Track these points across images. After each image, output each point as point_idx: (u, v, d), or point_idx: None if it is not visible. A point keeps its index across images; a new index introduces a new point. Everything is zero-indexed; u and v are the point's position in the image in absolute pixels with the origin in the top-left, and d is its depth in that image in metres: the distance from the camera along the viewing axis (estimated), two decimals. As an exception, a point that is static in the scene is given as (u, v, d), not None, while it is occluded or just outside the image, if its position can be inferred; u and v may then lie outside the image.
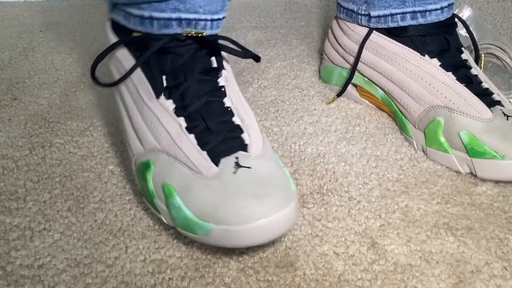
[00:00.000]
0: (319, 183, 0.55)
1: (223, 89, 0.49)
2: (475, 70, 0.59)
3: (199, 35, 0.49)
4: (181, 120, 0.46)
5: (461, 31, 0.65)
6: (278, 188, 0.43)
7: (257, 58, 0.50)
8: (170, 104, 0.47)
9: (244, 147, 0.46)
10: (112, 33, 0.54)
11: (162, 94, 0.48)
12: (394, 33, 0.62)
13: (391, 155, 0.59)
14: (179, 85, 0.48)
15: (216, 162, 0.44)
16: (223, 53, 0.51)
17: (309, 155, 0.59)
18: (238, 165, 0.44)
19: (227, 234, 0.41)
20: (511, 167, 0.52)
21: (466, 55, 0.60)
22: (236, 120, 0.48)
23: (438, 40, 0.60)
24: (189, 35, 0.48)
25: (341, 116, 0.66)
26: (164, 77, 0.48)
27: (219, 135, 0.46)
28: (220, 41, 0.51)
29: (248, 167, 0.44)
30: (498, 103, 0.56)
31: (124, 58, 0.51)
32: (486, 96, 0.56)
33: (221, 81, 0.49)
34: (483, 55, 0.69)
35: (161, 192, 0.45)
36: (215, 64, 0.49)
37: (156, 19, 0.49)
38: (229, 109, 0.48)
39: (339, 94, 0.68)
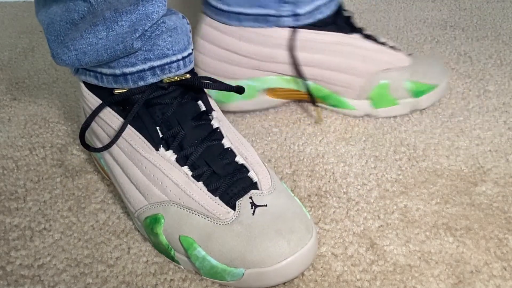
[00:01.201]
0: (317, 184, 0.55)
1: (218, 130, 0.48)
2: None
3: (183, 78, 0.49)
4: (186, 169, 0.46)
5: None
6: (297, 220, 0.44)
7: (240, 90, 0.50)
8: (171, 155, 0.47)
9: (254, 185, 0.46)
10: (90, 93, 0.52)
11: (161, 145, 0.47)
12: (317, 25, 0.62)
13: (390, 155, 0.59)
14: (176, 135, 0.47)
15: (232, 206, 0.44)
16: (207, 93, 0.51)
17: (308, 155, 0.60)
18: (254, 205, 0.44)
19: (259, 276, 0.42)
20: (444, 89, 0.66)
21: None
22: (239, 159, 0.47)
23: (347, 19, 0.65)
24: (172, 80, 0.48)
25: (339, 117, 0.66)
26: (158, 128, 0.48)
27: (227, 178, 0.45)
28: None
29: (265, 205, 0.44)
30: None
31: (108, 118, 0.49)
32: (396, 49, 0.66)
33: (215, 123, 0.49)
34: None
35: (178, 244, 0.45)
36: (203, 108, 0.49)
37: (130, 74, 0.48)
38: (230, 149, 0.48)
39: (314, 103, 0.64)
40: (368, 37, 0.64)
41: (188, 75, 0.49)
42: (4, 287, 0.44)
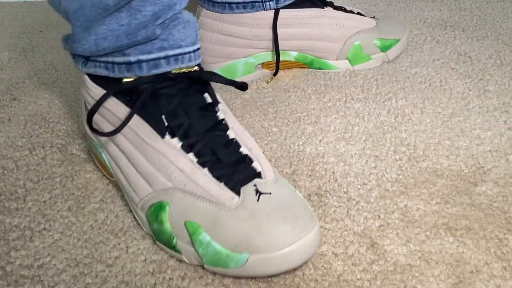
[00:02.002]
0: (318, 183, 0.55)
1: (224, 122, 0.49)
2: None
3: (191, 69, 0.49)
4: (191, 155, 0.46)
5: None
6: (302, 209, 0.44)
7: (243, 87, 0.50)
8: (176, 142, 0.47)
9: (258, 175, 0.46)
10: (94, 85, 0.52)
11: (167, 133, 0.47)
12: (296, 4, 0.73)
13: (390, 155, 0.59)
14: (181, 124, 0.48)
15: (236, 192, 0.45)
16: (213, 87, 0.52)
17: (308, 155, 0.59)
18: (258, 192, 0.44)
19: (263, 262, 0.42)
20: (406, 41, 0.79)
21: None
22: (243, 150, 0.48)
23: None
24: (181, 72, 0.49)
25: (339, 116, 0.66)
26: (163, 117, 0.48)
27: (231, 166, 0.46)
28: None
29: (269, 193, 0.45)
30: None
31: (114, 108, 0.50)
32: (361, 15, 0.78)
33: (221, 115, 0.49)
34: None
35: (183, 230, 0.45)
36: (209, 100, 0.50)
37: (145, 61, 0.48)
38: (234, 140, 0.48)
39: (275, 73, 0.75)
40: (338, 8, 0.77)
41: (197, 68, 0.50)
42: (4, 287, 0.44)
